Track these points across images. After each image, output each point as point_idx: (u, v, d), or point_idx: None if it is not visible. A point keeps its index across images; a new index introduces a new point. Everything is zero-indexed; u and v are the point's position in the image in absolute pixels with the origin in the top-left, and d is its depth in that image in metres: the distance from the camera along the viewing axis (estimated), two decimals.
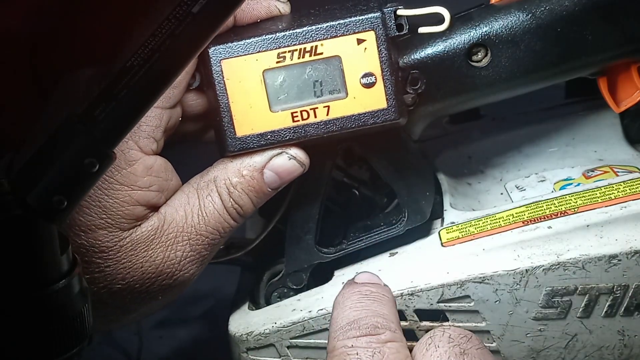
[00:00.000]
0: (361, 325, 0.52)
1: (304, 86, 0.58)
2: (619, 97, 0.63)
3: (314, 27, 0.58)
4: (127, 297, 0.60)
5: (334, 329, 0.53)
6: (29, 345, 0.43)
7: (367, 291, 0.54)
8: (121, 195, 0.57)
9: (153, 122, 0.58)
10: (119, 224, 0.57)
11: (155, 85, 0.44)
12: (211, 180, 0.59)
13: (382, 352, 0.50)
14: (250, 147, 0.59)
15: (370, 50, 0.58)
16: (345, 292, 0.55)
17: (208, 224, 0.59)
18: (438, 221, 0.64)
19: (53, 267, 0.44)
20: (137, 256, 0.58)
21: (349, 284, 0.56)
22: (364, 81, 0.58)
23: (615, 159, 0.67)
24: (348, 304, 0.54)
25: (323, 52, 0.58)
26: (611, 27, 0.60)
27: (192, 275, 0.61)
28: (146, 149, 0.58)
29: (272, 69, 0.58)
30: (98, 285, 0.58)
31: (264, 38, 0.58)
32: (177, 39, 0.43)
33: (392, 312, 0.53)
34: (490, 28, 0.60)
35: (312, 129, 0.59)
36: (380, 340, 0.51)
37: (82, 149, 0.43)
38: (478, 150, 0.71)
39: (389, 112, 0.58)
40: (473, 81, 0.61)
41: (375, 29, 0.57)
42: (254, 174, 0.59)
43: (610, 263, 0.58)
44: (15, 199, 0.42)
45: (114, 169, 0.57)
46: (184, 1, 0.43)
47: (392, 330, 0.52)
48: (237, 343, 0.63)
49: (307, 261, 0.64)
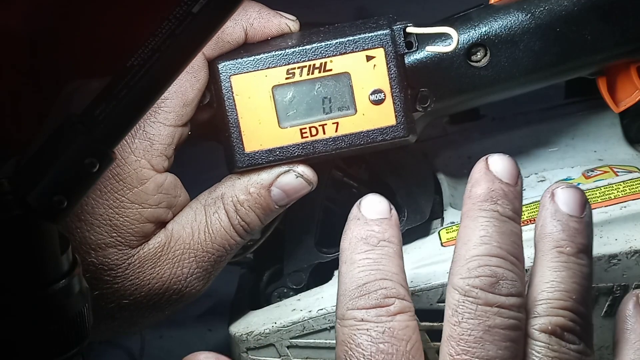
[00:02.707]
0: (370, 293, 0.51)
1: (313, 102, 0.58)
2: (618, 97, 0.63)
3: (324, 44, 0.58)
4: (134, 312, 0.60)
5: (343, 291, 0.52)
6: (29, 345, 0.43)
7: (375, 239, 0.53)
8: (132, 214, 0.58)
9: (166, 141, 0.59)
10: (128, 242, 0.58)
11: (156, 85, 0.44)
12: (218, 197, 0.60)
13: (392, 328, 0.50)
14: (258, 163, 0.59)
15: (380, 67, 0.58)
16: (352, 236, 0.54)
17: (214, 241, 0.60)
18: (438, 221, 0.64)
19: (53, 267, 0.44)
20: (144, 273, 0.59)
21: (356, 220, 0.54)
22: (373, 98, 0.58)
23: (614, 159, 0.67)
24: (356, 258, 0.53)
25: (332, 68, 0.58)
26: (610, 27, 0.60)
27: (198, 291, 0.61)
28: (158, 167, 0.59)
29: (282, 85, 0.58)
30: (106, 301, 0.59)
31: (273, 54, 0.58)
32: (177, 39, 0.43)
33: (399, 269, 0.53)
34: (490, 28, 0.60)
35: (320, 146, 0.59)
36: (390, 312, 0.51)
37: (83, 148, 0.43)
38: (478, 150, 0.71)
39: (398, 129, 0.58)
40: (472, 81, 0.61)
41: (385, 46, 0.58)
42: (262, 192, 0.59)
43: (610, 263, 0.58)
44: (15, 199, 0.42)
45: (125, 188, 0.58)
46: (184, 1, 0.43)
47: (401, 297, 0.51)
48: (237, 343, 0.63)
49: (307, 261, 0.64)
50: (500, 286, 0.49)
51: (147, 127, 0.58)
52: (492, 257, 0.50)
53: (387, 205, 0.55)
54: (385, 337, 0.50)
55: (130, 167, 0.58)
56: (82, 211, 0.58)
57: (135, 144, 0.58)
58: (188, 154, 0.61)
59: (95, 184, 0.44)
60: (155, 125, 0.58)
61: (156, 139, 0.58)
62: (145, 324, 0.64)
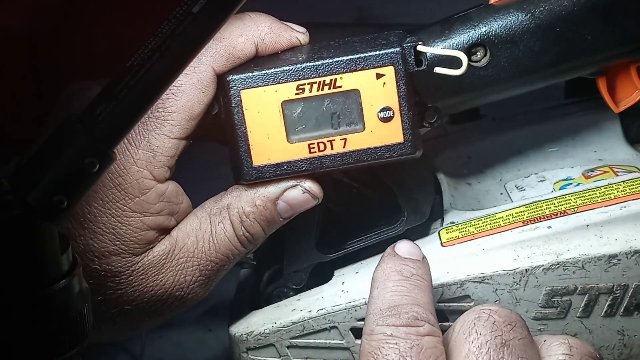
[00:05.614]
0: (402, 314, 0.51)
1: (322, 118, 0.58)
2: (618, 97, 0.63)
3: (334, 60, 0.58)
4: (136, 317, 0.61)
5: (373, 310, 0.53)
6: (29, 345, 0.43)
7: (408, 272, 0.54)
8: (134, 222, 0.58)
9: (169, 153, 0.59)
10: (132, 250, 0.59)
11: (156, 85, 0.43)
12: (224, 207, 0.60)
13: (420, 345, 0.50)
14: (266, 176, 0.59)
15: (389, 85, 0.58)
16: (386, 267, 0.55)
17: (218, 251, 0.60)
18: (438, 221, 0.64)
19: (53, 267, 0.44)
20: (147, 280, 0.59)
21: (391, 257, 0.55)
22: (382, 115, 0.58)
23: (614, 159, 0.67)
24: (389, 285, 0.53)
25: (342, 85, 0.58)
26: (610, 27, 0.60)
27: (199, 297, 0.62)
28: (159, 178, 0.59)
29: (291, 100, 0.58)
30: (109, 307, 0.60)
31: (284, 69, 0.58)
32: (177, 39, 0.43)
33: (430, 301, 0.53)
34: (490, 28, 0.60)
35: (328, 161, 0.59)
36: (419, 333, 0.51)
37: (83, 148, 0.43)
38: (478, 150, 0.71)
39: (405, 147, 0.59)
40: (472, 81, 0.61)
41: (395, 64, 0.58)
42: (267, 205, 0.60)
43: (610, 263, 0.58)
44: (15, 199, 0.42)
45: (127, 197, 0.58)
46: (184, 1, 0.43)
47: (431, 323, 0.52)
48: (237, 343, 0.63)
49: (307, 261, 0.64)
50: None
51: (152, 138, 0.58)
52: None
53: (420, 251, 0.56)
54: (413, 352, 0.50)
55: (132, 177, 0.58)
56: (85, 219, 0.58)
57: (138, 154, 0.58)
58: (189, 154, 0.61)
59: (95, 184, 0.44)
60: (159, 137, 0.59)
61: (159, 150, 0.59)
62: (146, 327, 0.64)
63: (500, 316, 0.52)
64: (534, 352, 0.51)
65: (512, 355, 0.50)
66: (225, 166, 0.61)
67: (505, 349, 0.50)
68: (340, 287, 0.62)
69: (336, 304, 0.61)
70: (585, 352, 0.52)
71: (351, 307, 0.60)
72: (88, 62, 0.76)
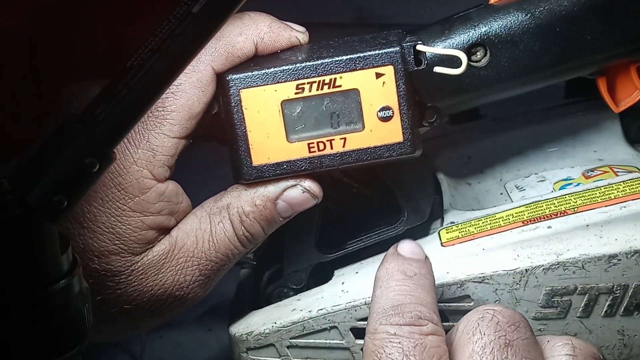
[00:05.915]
0: (405, 313, 0.52)
1: (322, 118, 0.58)
2: (618, 97, 0.63)
3: (334, 60, 0.58)
4: (136, 317, 0.61)
5: (377, 309, 0.53)
6: (29, 345, 0.43)
7: (411, 272, 0.54)
8: (134, 222, 0.58)
9: (169, 152, 0.59)
10: (131, 249, 0.59)
11: (156, 85, 0.44)
12: (224, 207, 0.60)
13: (423, 345, 0.50)
14: (265, 176, 0.59)
15: (389, 85, 0.58)
16: (389, 267, 0.55)
17: (218, 250, 0.60)
18: (438, 221, 0.64)
19: (53, 267, 0.44)
20: (147, 279, 0.60)
21: (393, 256, 0.56)
22: (381, 115, 0.58)
23: (614, 159, 0.67)
24: (392, 284, 0.54)
25: (342, 84, 0.58)
26: (610, 27, 0.60)
27: (199, 297, 0.62)
28: (159, 177, 0.59)
29: (291, 100, 0.58)
30: (109, 306, 0.60)
31: (283, 69, 0.58)
32: (177, 39, 0.43)
33: (433, 300, 0.54)
34: (490, 28, 0.60)
35: (327, 160, 0.59)
36: (422, 332, 0.51)
37: (83, 148, 0.43)
38: (478, 150, 0.71)
39: (404, 146, 0.59)
40: (472, 81, 0.61)
41: (394, 64, 0.58)
42: (267, 204, 0.60)
43: (610, 263, 0.58)
44: (15, 199, 0.42)
45: (127, 197, 0.58)
46: (184, 1, 0.43)
47: (434, 322, 0.52)
48: (237, 343, 0.63)
49: (307, 261, 0.64)
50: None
51: (151, 138, 0.58)
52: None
53: (423, 250, 0.56)
54: (417, 351, 0.50)
55: (132, 177, 0.58)
56: (85, 219, 0.58)
57: (138, 154, 0.58)
58: (189, 153, 0.62)
59: (95, 184, 0.44)
60: (159, 136, 0.59)
61: (159, 150, 0.59)
62: (146, 327, 0.64)
63: (504, 316, 0.52)
64: (538, 352, 0.51)
65: (516, 355, 0.50)
66: (225, 166, 0.61)
67: (509, 349, 0.50)
68: (340, 287, 0.62)
69: (336, 304, 0.61)
70: (588, 353, 0.52)
71: (351, 307, 0.60)
72: (88, 62, 0.76)
